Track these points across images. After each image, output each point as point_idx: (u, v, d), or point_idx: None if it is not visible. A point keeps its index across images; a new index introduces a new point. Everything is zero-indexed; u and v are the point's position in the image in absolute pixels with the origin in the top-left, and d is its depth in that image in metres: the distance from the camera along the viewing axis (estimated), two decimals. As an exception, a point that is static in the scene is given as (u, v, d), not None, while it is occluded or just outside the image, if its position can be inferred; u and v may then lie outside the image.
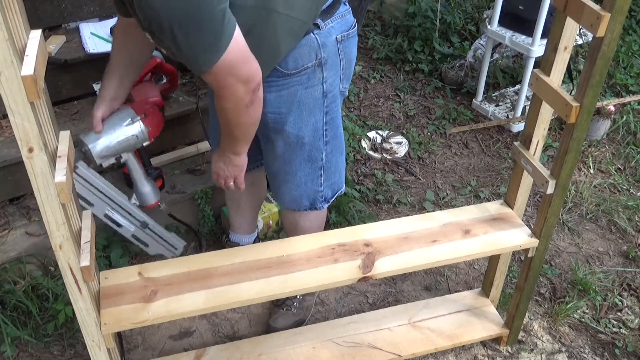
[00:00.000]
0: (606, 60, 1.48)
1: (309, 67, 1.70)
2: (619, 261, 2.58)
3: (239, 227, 2.34)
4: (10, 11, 1.19)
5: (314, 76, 1.72)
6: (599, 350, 2.23)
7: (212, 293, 1.67)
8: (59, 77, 2.49)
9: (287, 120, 1.76)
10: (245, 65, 1.52)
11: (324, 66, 1.72)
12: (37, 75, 1.15)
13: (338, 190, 2.01)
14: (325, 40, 1.69)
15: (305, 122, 1.78)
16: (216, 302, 1.65)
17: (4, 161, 2.24)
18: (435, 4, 3.82)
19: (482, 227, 1.90)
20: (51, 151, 1.34)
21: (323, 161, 1.88)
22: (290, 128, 1.77)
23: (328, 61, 1.72)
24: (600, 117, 3.15)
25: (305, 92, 1.73)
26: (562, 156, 1.67)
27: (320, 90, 1.75)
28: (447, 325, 2.16)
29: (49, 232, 1.35)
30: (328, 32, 1.70)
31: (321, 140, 1.84)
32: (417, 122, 3.35)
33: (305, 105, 1.75)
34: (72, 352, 2.14)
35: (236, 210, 2.29)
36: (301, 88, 1.72)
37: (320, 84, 1.74)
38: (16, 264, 2.17)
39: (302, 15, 1.63)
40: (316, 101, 1.76)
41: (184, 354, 2.04)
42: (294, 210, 2.00)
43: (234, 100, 1.55)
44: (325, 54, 1.70)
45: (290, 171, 1.88)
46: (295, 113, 1.75)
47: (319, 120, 1.80)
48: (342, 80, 1.82)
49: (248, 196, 2.23)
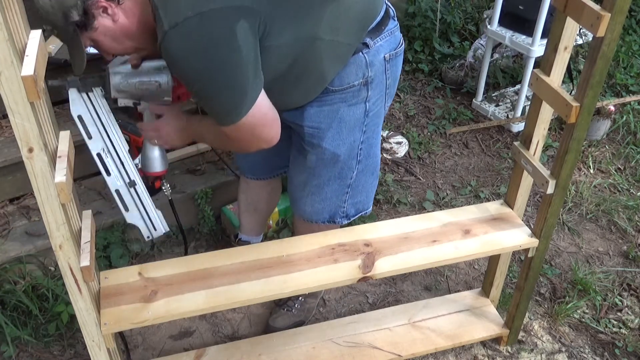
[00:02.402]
0: (606, 60, 1.48)
1: (355, 85, 1.67)
2: (619, 261, 2.58)
3: (250, 229, 2.33)
4: (10, 11, 1.19)
5: (359, 95, 1.69)
6: (599, 350, 2.23)
7: (212, 293, 1.67)
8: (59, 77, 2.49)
9: (325, 136, 1.73)
10: (265, 128, 1.55)
11: (369, 85, 1.68)
12: (37, 75, 1.15)
13: (363, 210, 1.97)
14: (374, 59, 1.66)
15: (344, 140, 1.75)
16: (216, 302, 1.65)
17: (4, 161, 2.24)
18: (435, 4, 3.82)
19: (482, 227, 1.90)
20: (51, 151, 1.33)
21: (352, 179, 1.85)
22: (327, 144, 1.74)
23: (374, 80, 1.68)
24: (600, 117, 3.15)
25: (347, 109, 1.70)
26: (562, 156, 1.67)
27: (362, 109, 1.72)
28: (447, 325, 2.16)
29: (49, 232, 1.35)
30: (376, 50, 1.66)
31: (355, 159, 1.81)
32: (417, 122, 3.35)
33: (346, 123, 1.72)
34: (72, 352, 2.14)
35: (251, 214, 2.28)
36: (344, 105, 1.69)
37: (363, 103, 1.71)
38: (16, 264, 2.17)
39: (349, 38, 1.60)
40: (357, 120, 1.73)
41: (184, 354, 2.04)
42: (311, 222, 1.97)
43: (243, 148, 1.64)
44: (372, 73, 1.67)
45: (318, 184, 1.85)
46: (335, 130, 1.72)
47: (357, 139, 1.77)
48: (386, 100, 1.79)
49: (267, 201, 2.25)
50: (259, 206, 2.26)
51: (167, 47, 1.41)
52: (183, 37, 1.40)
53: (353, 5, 1.59)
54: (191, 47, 1.41)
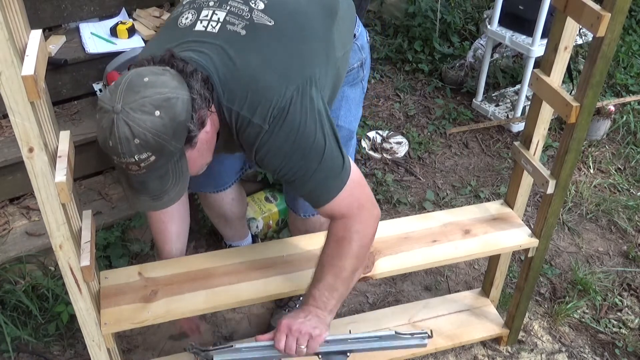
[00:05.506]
0: (606, 60, 1.48)
1: (354, 68, 1.78)
2: (619, 261, 2.58)
3: (232, 235, 2.32)
4: (11, 11, 1.19)
5: (357, 75, 1.81)
6: (599, 350, 2.23)
7: (212, 293, 1.67)
8: (59, 77, 2.49)
9: (339, 115, 1.81)
10: (364, 183, 1.53)
11: (364, 66, 1.82)
12: (37, 75, 1.15)
13: None
14: (362, 42, 1.80)
15: (355, 116, 1.85)
16: (216, 302, 1.65)
17: (4, 161, 2.24)
18: (435, 4, 3.82)
19: (482, 227, 1.90)
20: (51, 151, 1.33)
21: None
22: (342, 122, 1.82)
23: (366, 61, 1.82)
24: (600, 117, 3.15)
25: (350, 89, 1.81)
26: (562, 156, 1.67)
27: (360, 88, 1.85)
28: (447, 325, 2.16)
29: (49, 232, 1.35)
30: (361, 34, 1.79)
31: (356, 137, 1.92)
32: (417, 122, 3.35)
33: (352, 100, 1.83)
34: (72, 352, 2.14)
35: (225, 224, 2.25)
36: (347, 86, 1.79)
37: (360, 82, 1.84)
38: (16, 264, 2.17)
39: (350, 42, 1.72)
40: (359, 98, 1.86)
41: (184, 354, 2.04)
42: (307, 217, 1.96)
43: (367, 228, 1.53)
44: (365, 55, 1.81)
45: None
46: (345, 108, 1.82)
47: (360, 115, 1.90)
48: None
49: (233, 210, 2.16)
50: (229, 215, 2.18)
51: (269, 142, 1.38)
52: (280, 131, 1.37)
53: (344, 14, 1.65)
54: (289, 132, 1.38)
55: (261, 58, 1.39)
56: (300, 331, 1.44)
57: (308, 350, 1.45)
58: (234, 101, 1.37)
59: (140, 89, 1.21)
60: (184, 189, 1.34)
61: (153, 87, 1.22)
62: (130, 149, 1.20)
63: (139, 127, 1.19)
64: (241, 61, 1.38)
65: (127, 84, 1.22)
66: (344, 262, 1.50)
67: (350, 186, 1.48)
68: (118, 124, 1.19)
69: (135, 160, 1.22)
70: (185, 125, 1.25)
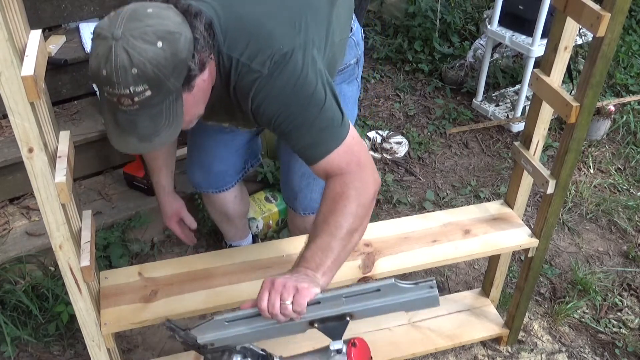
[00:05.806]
0: (606, 60, 1.48)
1: (350, 64, 1.77)
2: (619, 261, 2.58)
3: (234, 235, 2.33)
4: (10, 11, 1.19)
5: (353, 72, 1.80)
6: (599, 350, 2.23)
7: (212, 293, 1.67)
8: (59, 77, 2.49)
9: None
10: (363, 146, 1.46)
11: (359, 63, 1.81)
12: (37, 75, 1.15)
13: None
14: (358, 38, 1.79)
15: (351, 113, 1.84)
16: (216, 302, 1.65)
17: (4, 161, 2.24)
18: (435, 4, 3.82)
19: (482, 227, 1.90)
20: (51, 151, 1.33)
21: None
22: None
23: (361, 57, 1.81)
24: (600, 117, 3.15)
25: (346, 87, 1.80)
26: (562, 156, 1.67)
27: (356, 85, 1.84)
28: (447, 325, 2.16)
29: (49, 232, 1.35)
30: (357, 30, 1.78)
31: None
32: (417, 122, 3.35)
33: (349, 98, 1.82)
34: (72, 352, 2.14)
35: (227, 223, 2.26)
36: (344, 84, 1.79)
37: (355, 79, 1.83)
38: (16, 264, 2.17)
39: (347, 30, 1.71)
40: (355, 95, 1.86)
41: (184, 354, 2.04)
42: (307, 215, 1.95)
43: (366, 182, 1.39)
44: (360, 52, 1.80)
45: None
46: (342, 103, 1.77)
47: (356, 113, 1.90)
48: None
49: (235, 208, 2.17)
50: (231, 213, 2.18)
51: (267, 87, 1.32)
52: (280, 75, 1.32)
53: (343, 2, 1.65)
54: (289, 78, 1.34)
55: (267, 9, 1.38)
56: (284, 284, 1.24)
57: (294, 306, 1.23)
58: (234, 48, 1.32)
59: (144, 18, 1.15)
60: (176, 133, 1.25)
61: (157, 17, 1.16)
62: (127, 79, 1.12)
63: (139, 55, 1.12)
64: (245, 10, 1.36)
65: (129, 11, 1.16)
66: (340, 219, 1.34)
67: (349, 141, 1.38)
68: (116, 50, 1.11)
69: (129, 93, 1.14)
70: (186, 63, 1.18)
